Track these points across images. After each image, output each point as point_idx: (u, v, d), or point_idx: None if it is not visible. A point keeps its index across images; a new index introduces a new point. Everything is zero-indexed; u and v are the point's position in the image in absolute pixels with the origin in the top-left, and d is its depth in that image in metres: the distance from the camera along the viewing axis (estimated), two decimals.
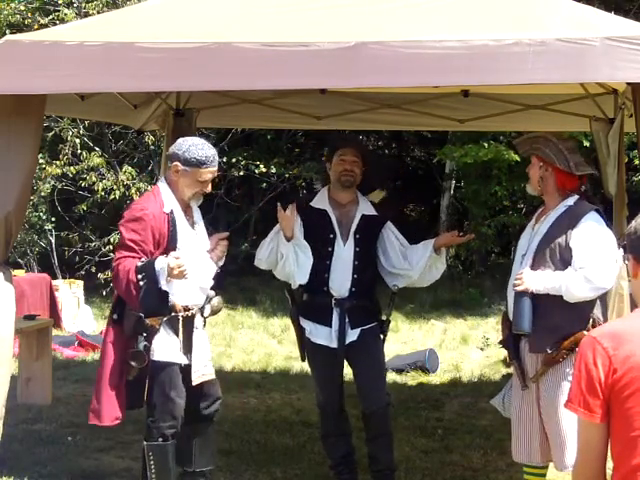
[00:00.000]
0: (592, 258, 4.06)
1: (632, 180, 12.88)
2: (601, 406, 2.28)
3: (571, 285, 4.06)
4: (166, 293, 4.12)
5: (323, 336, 4.85)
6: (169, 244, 4.25)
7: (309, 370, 5.15)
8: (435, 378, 8.10)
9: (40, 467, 5.32)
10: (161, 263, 4.09)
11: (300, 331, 4.95)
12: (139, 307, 4.13)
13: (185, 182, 4.31)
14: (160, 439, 4.31)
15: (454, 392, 7.54)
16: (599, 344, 2.29)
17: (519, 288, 4.10)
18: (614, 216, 4.77)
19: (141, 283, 4.06)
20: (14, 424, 5.55)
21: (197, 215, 4.50)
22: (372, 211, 4.95)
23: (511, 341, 4.29)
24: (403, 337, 10.14)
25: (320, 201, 4.94)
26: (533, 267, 4.17)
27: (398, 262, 4.94)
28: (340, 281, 4.82)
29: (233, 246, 8.47)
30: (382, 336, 5.00)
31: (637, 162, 12.52)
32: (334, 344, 4.82)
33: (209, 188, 4.38)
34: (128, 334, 4.22)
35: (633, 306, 3.26)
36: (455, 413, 6.84)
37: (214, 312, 4.54)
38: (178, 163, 4.29)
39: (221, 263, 4.57)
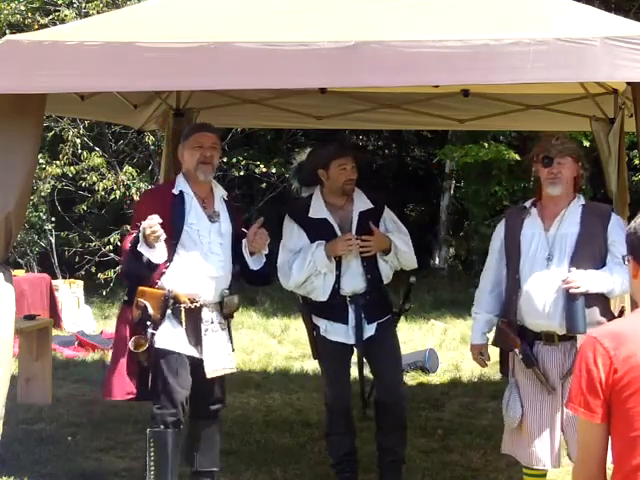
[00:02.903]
0: None
1: (632, 180, 12.89)
2: (601, 406, 2.28)
3: (620, 281, 4.04)
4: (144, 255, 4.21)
5: (340, 333, 4.80)
6: (172, 223, 4.31)
7: (309, 370, 5.15)
8: (435, 378, 8.09)
9: (40, 467, 5.32)
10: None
11: (313, 329, 4.92)
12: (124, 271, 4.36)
13: (187, 154, 4.49)
14: (162, 426, 4.35)
15: (454, 392, 7.53)
16: (600, 344, 2.29)
17: (579, 290, 4.02)
18: None
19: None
20: (14, 424, 5.54)
21: (219, 205, 4.54)
22: (368, 205, 4.89)
23: (529, 349, 4.21)
24: (403, 337, 10.07)
25: (318, 210, 4.83)
26: (571, 267, 4.10)
27: None
28: (352, 285, 4.77)
29: None
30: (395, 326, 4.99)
31: (637, 162, 12.53)
32: (351, 340, 4.79)
33: (209, 155, 4.46)
34: (135, 322, 4.32)
35: (634, 306, 3.27)
36: (455, 413, 6.83)
37: (230, 310, 4.56)
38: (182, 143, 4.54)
39: (265, 251, 4.55)
